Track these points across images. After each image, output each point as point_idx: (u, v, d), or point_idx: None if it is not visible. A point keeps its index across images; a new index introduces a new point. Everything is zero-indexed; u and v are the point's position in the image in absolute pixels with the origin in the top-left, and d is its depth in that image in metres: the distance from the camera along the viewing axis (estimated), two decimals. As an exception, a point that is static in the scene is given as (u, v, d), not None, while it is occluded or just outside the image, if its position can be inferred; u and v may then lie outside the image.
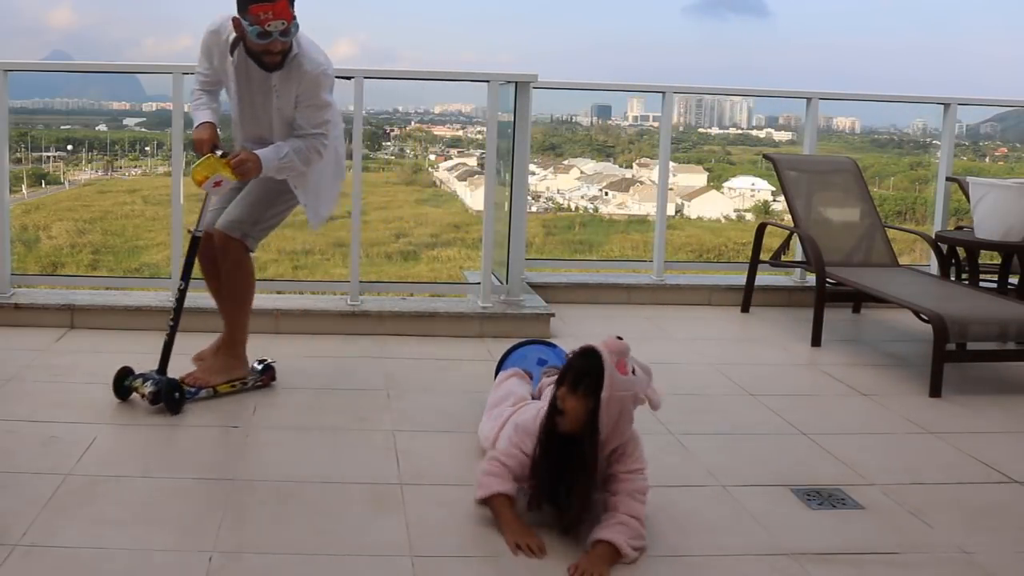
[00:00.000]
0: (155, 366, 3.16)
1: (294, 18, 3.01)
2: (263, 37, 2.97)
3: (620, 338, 2.34)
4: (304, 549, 2.23)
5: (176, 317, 3.21)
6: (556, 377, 2.40)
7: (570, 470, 2.33)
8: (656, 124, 5.61)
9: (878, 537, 2.43)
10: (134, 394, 3.15)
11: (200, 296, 4.39)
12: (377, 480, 2.64)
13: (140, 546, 2.21)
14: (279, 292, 4.68)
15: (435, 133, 9.55)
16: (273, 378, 3.42)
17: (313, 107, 3.16)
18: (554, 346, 3.32)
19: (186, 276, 3.22)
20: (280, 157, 3.16)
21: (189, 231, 3.34)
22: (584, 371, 2.31)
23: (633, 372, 2.34)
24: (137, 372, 3.18)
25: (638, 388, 2.35)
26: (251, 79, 3.14)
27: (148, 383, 3.10)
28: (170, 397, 3.07)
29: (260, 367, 3.40)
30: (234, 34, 3.09)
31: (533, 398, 2.85)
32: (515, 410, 2.74)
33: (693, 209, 10.70)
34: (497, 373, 3.27)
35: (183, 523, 2.33)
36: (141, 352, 3.81)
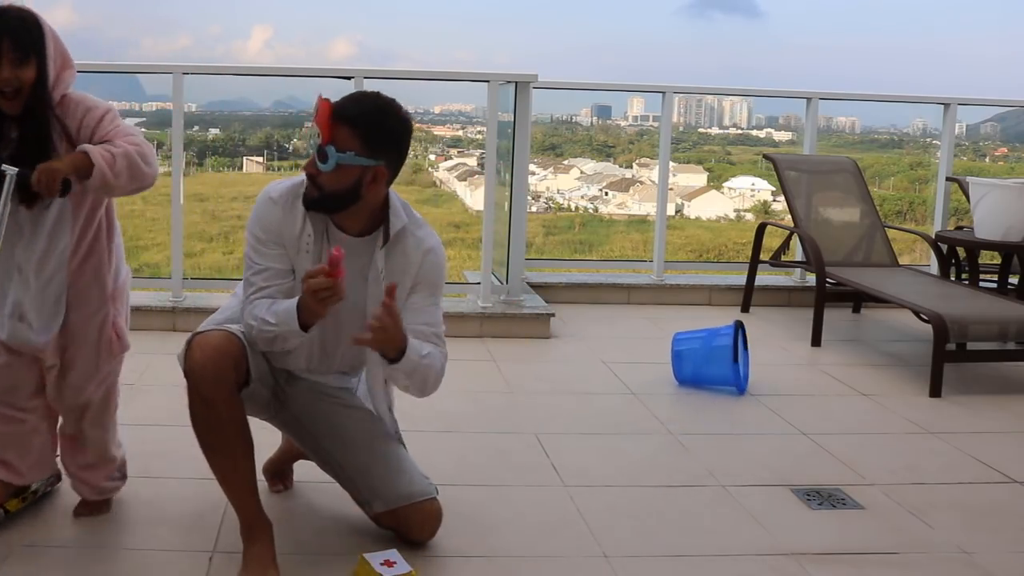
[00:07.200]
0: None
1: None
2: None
3: None
4: (303, 549, 2.23)
5: None
6: None
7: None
8: (656, 124, 5.61)
9: (878, 537, 2.43)
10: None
11: (200, 296, 4.40)
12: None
13: (140, 546, 2.21)
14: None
15: (435, 133, 9.53)
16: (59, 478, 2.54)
17: (436, 303, 2.17)
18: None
19: None
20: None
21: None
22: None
23: None
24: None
25: None
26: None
27: None
28: None
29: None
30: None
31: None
32: None
33: (693, 209, 10.68)
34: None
35: (183, 523, 2.34)
36: (141, 352, 3.81)
